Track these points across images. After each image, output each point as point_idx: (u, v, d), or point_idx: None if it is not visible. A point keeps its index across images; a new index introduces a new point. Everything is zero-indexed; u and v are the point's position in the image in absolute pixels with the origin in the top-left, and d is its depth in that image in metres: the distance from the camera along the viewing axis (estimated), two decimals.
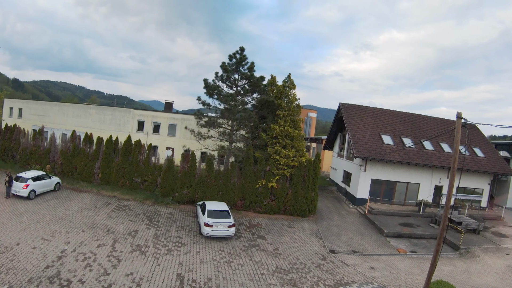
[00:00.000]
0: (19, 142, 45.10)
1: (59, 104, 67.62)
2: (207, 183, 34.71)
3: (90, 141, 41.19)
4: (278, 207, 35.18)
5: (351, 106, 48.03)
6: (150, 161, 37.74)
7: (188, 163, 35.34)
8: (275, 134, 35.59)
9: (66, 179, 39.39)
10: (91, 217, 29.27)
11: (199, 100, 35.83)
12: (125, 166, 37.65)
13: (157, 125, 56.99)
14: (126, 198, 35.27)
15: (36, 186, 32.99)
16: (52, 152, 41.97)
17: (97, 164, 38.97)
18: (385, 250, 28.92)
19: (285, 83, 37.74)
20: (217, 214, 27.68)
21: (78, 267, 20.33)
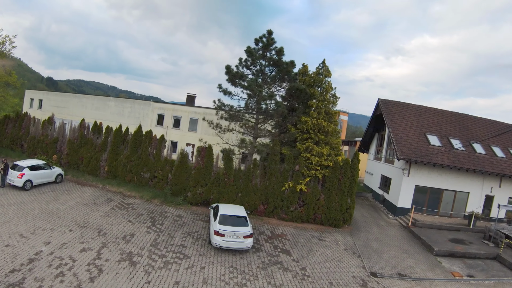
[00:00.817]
0: (28, 130, 42.55)
1: (78, 95, 65.25)
2: (224, 183, 29.87)
3: (99, 130, 37.07)
4: (307, 215, 29.72)
5: (392, 102, 42.49)
6: (162, 154, 33.18)
7: (204, 159, 30.63)
8: (306, 127, 30.49)
9: (71, 171, 36.11)
10: (85, 215, 25.13)
11: (219, 88, 31.14)
12: (133, 159, 33.24)
13: (178, 120, 52.84)
14: (132, 195, 30.93)
15: (33, 176, 29.90)
16: (60, 142, 38.73)
17: (104, 156, 34.90)
18: (438, 273, 23.39)
19: (318, 70, 32.49)
20: (231, 220, 22.55)
21: (48, 276, 16.19)
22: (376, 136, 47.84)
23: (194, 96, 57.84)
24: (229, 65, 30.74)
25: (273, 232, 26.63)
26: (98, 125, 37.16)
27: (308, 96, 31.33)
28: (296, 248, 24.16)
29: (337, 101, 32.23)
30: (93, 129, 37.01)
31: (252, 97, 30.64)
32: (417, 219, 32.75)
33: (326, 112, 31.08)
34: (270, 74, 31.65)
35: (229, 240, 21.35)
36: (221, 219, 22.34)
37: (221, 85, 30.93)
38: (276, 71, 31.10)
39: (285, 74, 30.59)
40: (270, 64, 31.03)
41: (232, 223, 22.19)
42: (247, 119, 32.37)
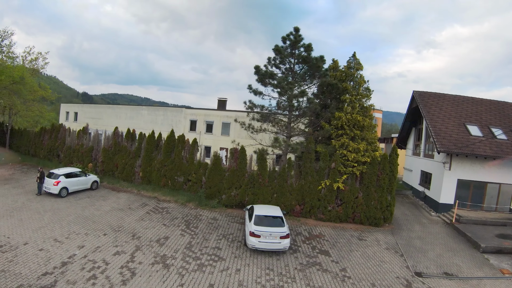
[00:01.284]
0: (64, 141, 43.35)
1: (112, 106, 66.23)
2: (258, 184, 29.05)
3: (133, 137, 37.10)
4: (345, 214, 28.45)
5: (427, 93, 40.53)
6: (195, 158, 32.78)
7: (237, 160, 30.02)
8: (340, 123, 29.46)
9: (107, 178, 36.42)
10: (120, 219, 24.92)
11: (250, 89, 30.47)
12: (167, 163, 32.99)
13: (210, 124, 52.45)
14: (167, 200, 30.59)
15: (68, 184, 30.28)
16: (95, 150, 39.12)
17: (138, 162, 34.83)
18: (486, 271, 21.77)
19: (350, 64, 31.43)
20: (267, 221, 21.61)
21: (80, 279, 15.91)
22: (414, 131, 45.76)
23: (225, 100, 57.44)
24: (258, 65, 30.02)
25: (311, 233, 25.62)
26: (132, 132, 37.18)
27: (340, 91, 30.30)
28: (335, 249, 23.00)
29: (371, 94, 30.97)
30: (127, 136, 37.06)
31: (283, 95, 29.79)
32: (461, 215, 30.99)
33: (360, 106, 29.97)
34: (300, 71, 30.74)
35: (265, 241, 20.43)
36: (256, 220, 21.48)
37: (251, 85, 30.29)
38: (306, 68, 30.15)
39: (315, 70, 29.60)
40: (299, 61, 30.11)
41: (268, 224, 21.26)
42: (279, 119, 31.54)
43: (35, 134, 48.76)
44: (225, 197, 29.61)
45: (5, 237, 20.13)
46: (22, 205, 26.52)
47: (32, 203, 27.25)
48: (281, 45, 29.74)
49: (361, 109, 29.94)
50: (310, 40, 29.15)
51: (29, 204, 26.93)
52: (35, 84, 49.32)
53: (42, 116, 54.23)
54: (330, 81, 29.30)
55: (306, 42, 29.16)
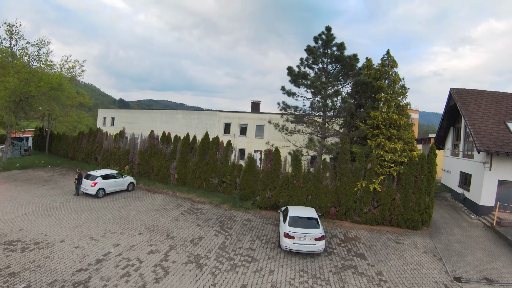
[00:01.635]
0: (101, 144, 44.46)
1: (148, 111, 67.11)
2: (293, 185, 28.62)
3: (168, 140, 37.44)
4: (382, 216, 27.60)
5: (465, 91, 38.95)
6: (229, 160, 32.71)
7: (272, 162, 29.72)
8: (376, 123, 28.68)
9: (143, 180, 36.97)
10: (155, 219, 25.03)
11: (283, 90, 30.07)
12: (201, 165, 33.07)
13: (244, 127, 52.36)
14: (202, 201, 30.62)
15: (105, 185, 31.04)
16: (131, 153, 39.83)
17: (173, 164, 35.08)
18: None
19: (384, 62, 30.50)
20: (302, 222, 21.10)
21: (114, 275, 15.93)
22: (452, 130, 44.14)
23: (258, 103, 57.40)
24: (291, 66, 29.63)
25: (346, 235, 24.98)
26: (167, 135, 37.49)
27: (375, 89, 29.49)
28: (372, 252, 22.27)
29: (407, 92, 29.92)
30: (162, 139, 37.42)
31: (316, 95, 29.28)
32: (502, 217, 29.48)
33: (396, 105, 29.09)
34: (333, 71, 30.13)
35: (299, 243, 19.92)
36: (290, 221, 21.01)
37: (284, 87, 29.90)
38: (339, 67, 29.50)
39: (349, 69, 28.91)
40: (332, 60, 29.50)
41: (303, 225, 20.75)
42: (313, 119, 31.03)
43: (73, 138, 50.34)
44: (259, 198, 29.33)
45: (42, 234, 20.48)
46: (60, 205, 27.06)
47: (70, 203, 27.81)
48: (313, 45, 29.27)
49: (397, 107, 29.05)
50: (342, 40, 28.62)
51: (67, 204, 27.48)
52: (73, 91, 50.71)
53: (80, 121, 55.71)
54: (364, 79, 28.56)
55: (338, 41, 28.68)
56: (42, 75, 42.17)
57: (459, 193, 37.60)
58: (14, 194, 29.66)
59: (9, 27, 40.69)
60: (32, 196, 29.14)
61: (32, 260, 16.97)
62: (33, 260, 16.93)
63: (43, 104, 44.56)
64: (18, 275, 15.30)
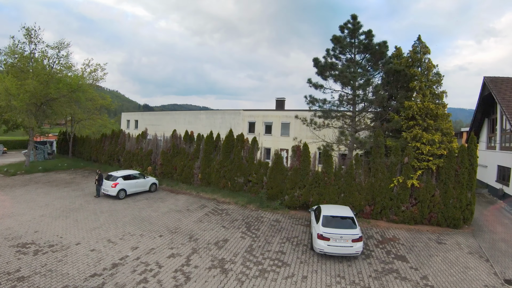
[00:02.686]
0: (124, 146, 43.26)
1: (171, 112, 65.74)
2: (324, 183, 26.46)
3: (191, 139, 35.75)
4: (420, 215, 25.08)
5: (500, 79, 35.76)
6: (255, 157, 30.77)
7: (300, 158, 27.72)
8: (411, 113, 26.18)
9: (166, 180, 35.43)
10: (177, 221, 23.32)
11: (309, 83, 28.21)
12: (226, 164, 31.24)
13: (269, 125, 50.18)
14: (227, 202, 28.78)
15: (127, 186, 29.66)
16: (154, 153, 38.41)
17: (197, 163, 33.34)
18: None
19: (415, 48, 27.94)
20: (336, 222, 18.96)
21: (129, 281, 14.27)
22: (486, 122, 40.89)
23: (283, 100, 55.18)
24: (317, 58, 27.69)
25: (384, 236, 22.72)
26: (190, 134, 35.86)
27: (408, 78, 27.03)
28: (413, 254, 20.03)
29: (442, 80, 27.36)
30: (185, 138, 35.82)
31: (346, 85, 27.11)
32: None
33: (432, 92, 26.69)
34: (361, 60, 27.98)
35: (335, 245, 17.79)
36: (324, 221, 18.90)
37: (311, 79, 28.06)
38: (368, 56, 27.36)
39: (379, 57, 26.71)
40: (360, 50, 27.35)
41: (338, 225, 18.64)
42: (343, 112, 28.82)
43: (96, 141, 49.44)
44: (287, 198, 27.22)
45: (57, 236, 19.13)
46: (80, 206, 25.74)
47: (90, 204, 26.49)
48: (339, 35, 27.27)
49: (433, 96, 26.71)
50: None
51: (86, 205, 26.17)
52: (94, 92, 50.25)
53: (105, 125, 54.91)
54: (396, 67, 26.22)
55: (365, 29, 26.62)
56: (62, 77, 41.24)
57: (497, 189, 34.55)
58: (34, 196, 28.48)
59: (28, 31, 39.72)
60: (52, 198, 27.92)
61: (44, 263, 15.62)
62: (45, 264, 15.59)
63: (64, 105, 43.57)
64: (27, 280, 13.92)
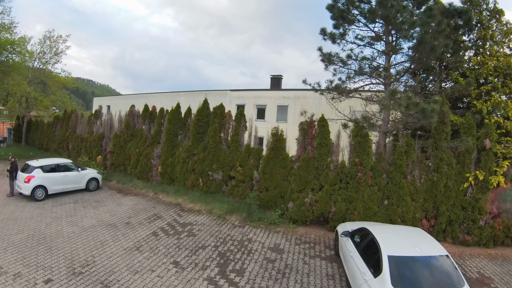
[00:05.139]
0: (74, 130, 31.90)
1: (146, 95, 55.32)
2: (356, 181, 15.12)
3: (152, 117, 24.39)
4: (505, 232, 14.38)
5: None
6: (241, 141, 19.49)
7: (313, 141, 16.60)
8: (485, 73, 15.90)
9: (117, 175, 24.45)
10: (99, 246, 12.45)
11: (323, 34, 17.45)
12: (196, 151, 19.80)
13: (262, 109, 39.14)
14: (195, 210, 17.72)
15: (48, 181, 18.92)
16: (106, 138, 26.78)
17: (156, 150, 21.97)
18: None
19: None
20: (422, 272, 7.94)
21: None
22: None
23: (280, 78, 43.77)
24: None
25: (463, 274, 11.82)
26: (152, 109, 24.67)
27: (470, 23, 16.29)
28: None
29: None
30: (143, 115, 24.59)
31: (388, 20, 15.62)
32: None
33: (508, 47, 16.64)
34: None
35: None
36: (395, 271, 7.80)
37: (325, 29, 17.40)
38: None
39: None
40: None
41: (430, 284, 7.73)
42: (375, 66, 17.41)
43: (48, 125, 38.43)
44: (293, 205, 15.89)
45: None
46: None
47: None
48: None
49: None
50: None
51: None
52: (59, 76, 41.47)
53: (65, 106, 43.76)
54: (456, 6, 15.45)
55: None
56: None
57: None
58: None
59: None
60: None
61: None
62: None
63: None
64: None
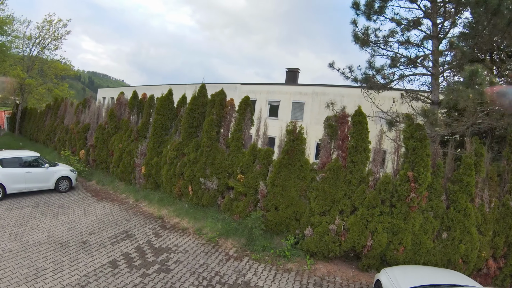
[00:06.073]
0: (62, 120, 28.10)
1: (150, 87, 51.74)
2: (406, 205, 10.33)
3: (141, 107, 19.93)
4: None
5: None
6: (244, 140, 14.85)
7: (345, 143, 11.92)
8: None
9: (99, 173, 20.59)
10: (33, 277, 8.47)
11: (355, 8, 13.56)
12: (187, 150, 15.23)
13: (275, 105, 34.22)
14: (181, 226, 13.41)
15: (7, 178, 15.54)
16: (91, 130, 22.47)
17: (141, 147, 17.51)
18: None
19: None
20: None
21: None
22: None
23: (296, 72, 38.82)
24: None
25: None
26: (142, 97, 20.31)
27: None
28: None
29: None
30: (131, 104, 20.23)
31: None
32: None
33: None
34: None
35: None
36: None
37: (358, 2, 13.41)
38: None
39: None
40: None
41: None
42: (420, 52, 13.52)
43: (39, 114, 35.28)
44: (312, 232, 11.32)
45: None
46: None
47: None
48: None
49: None
50: None
51: None
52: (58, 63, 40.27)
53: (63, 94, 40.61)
54: None
55: None
56: None
57: None
58: None
59: None
60: None
61: None
62: None
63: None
64: None
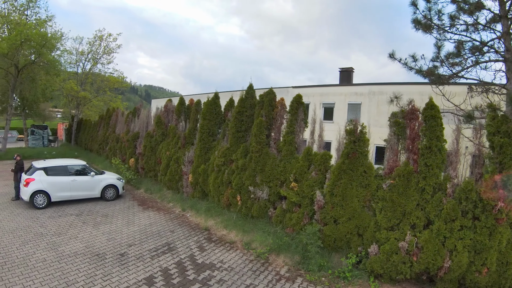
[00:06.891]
0: (114, 129, 27.88)
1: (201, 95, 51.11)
2: (492, 215, 8.28)
3: (189, 113, 18.90)
4: None
5: None
6: (298, 143, 13.18)
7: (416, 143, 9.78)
8: None
9: (147, 182, 20.01)
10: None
11: None
12: (235, 157, 13.87)
13: (329, 108, 31.79)
14: (228, 239, 12.16)
15: (51, 186, 15.08)
16: (140, 138, 22.03)
17: (188, 154, 16.44)
18: None
19: None
20: None
21: None
22: None
23: (350, 71, 36.41)
24: None
25: None
26: (189, 103, 19.30)
27: None
28: None
29: None
30: (178, 110, 19.33)
31: None
32: None
33: None
34: None
35: None
36: None
37: None
38: None
39: None
40: None
41: None
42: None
43: (93, 125, 35.78)
44: (378, 250, 9.50)
45: None
46: None
47: None
48: None
49: None
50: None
51: None
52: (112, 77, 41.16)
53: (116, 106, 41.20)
54: None
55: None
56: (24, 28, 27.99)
57: None
58: None
59: None
60: None
61: None
62: None
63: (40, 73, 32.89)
64: None
